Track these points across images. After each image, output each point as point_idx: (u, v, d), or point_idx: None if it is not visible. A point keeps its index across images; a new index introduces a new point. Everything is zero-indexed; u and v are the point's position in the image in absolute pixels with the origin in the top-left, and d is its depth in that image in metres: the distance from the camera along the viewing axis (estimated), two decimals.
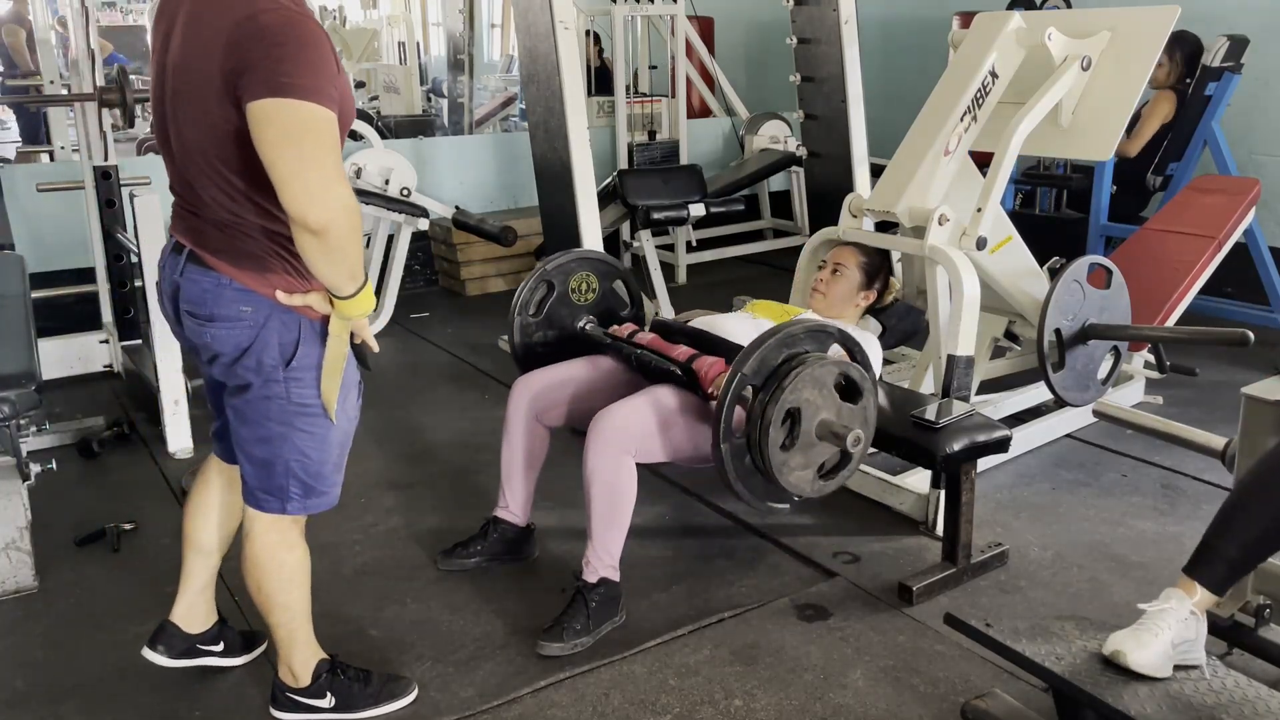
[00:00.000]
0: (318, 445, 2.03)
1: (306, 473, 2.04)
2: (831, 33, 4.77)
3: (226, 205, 1.87)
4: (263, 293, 1.91)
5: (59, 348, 4.27)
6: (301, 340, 1.95)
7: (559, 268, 2.98)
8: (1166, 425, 2.34)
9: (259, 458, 2.03)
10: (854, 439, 2.38)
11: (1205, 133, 4.74)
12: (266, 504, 2.07)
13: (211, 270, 1.91)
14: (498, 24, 12.57)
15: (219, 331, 1.93)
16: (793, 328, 2.44)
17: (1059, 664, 1.85)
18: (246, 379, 1.96)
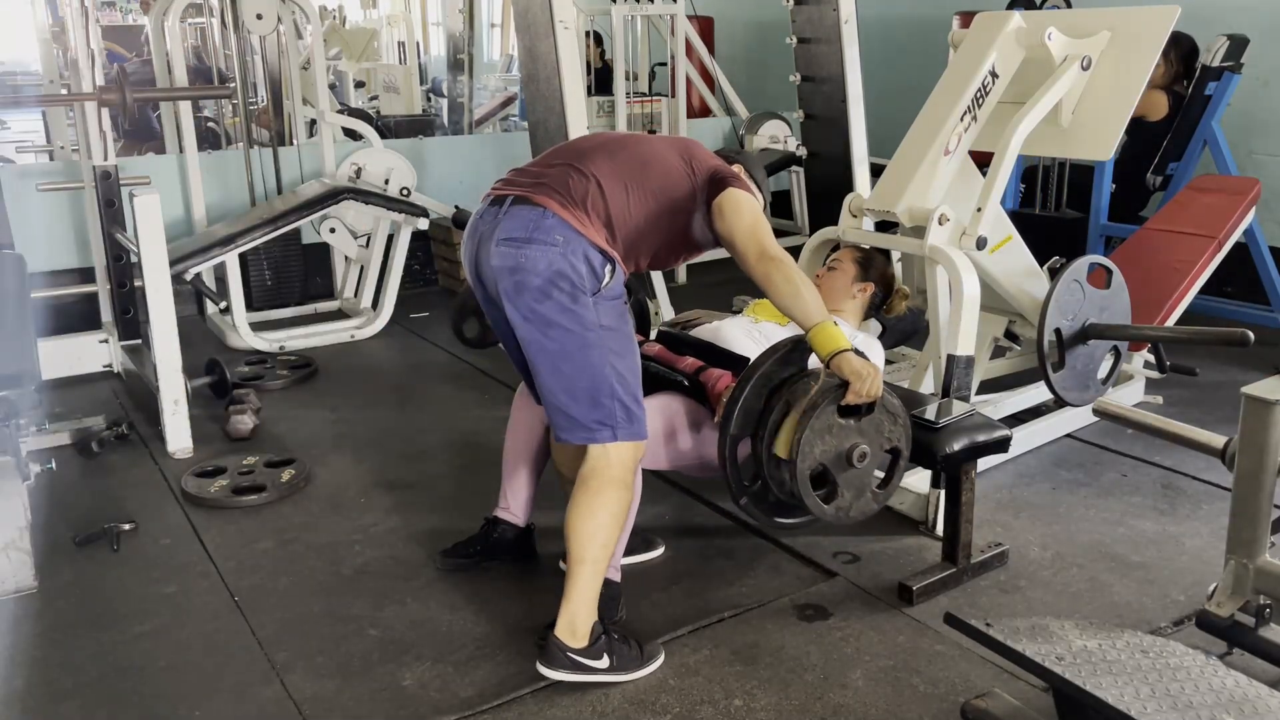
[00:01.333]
0: (632, 367, 2.30)
1: (627, 393, 2.27)
2: (831, 33, 4.78)
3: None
4: (581, 230, 2.23)
5: (59, 348, 4.27)
6: (615, 274, 2.28)
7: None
8: (1166, 425, 2.34)
9: (583, 388, 2.25)
10: (860, 454, 2.38)
11: (1205, 133, 4.74)
12: (600, 434, 2.26)
13: (536, 205, 2.25)
14: (498, 24, 12.56)
15: (533, 251, 2.20)
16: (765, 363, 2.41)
17: (1059, 664, 1.85)
18: (561, 301, 2.20)
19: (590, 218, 2.27)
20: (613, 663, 2.30)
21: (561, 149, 2.50)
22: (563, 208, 2.25)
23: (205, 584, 2.78)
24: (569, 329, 2.22)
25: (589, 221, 2.26)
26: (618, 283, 2.30)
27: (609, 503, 2.27)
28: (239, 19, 5.07)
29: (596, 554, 2.27)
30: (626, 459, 2.29)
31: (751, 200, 2.40)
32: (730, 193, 2.39)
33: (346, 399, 4.19)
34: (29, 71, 10.28)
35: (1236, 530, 2.09)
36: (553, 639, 2.27)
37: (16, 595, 2.71)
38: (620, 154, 2.41)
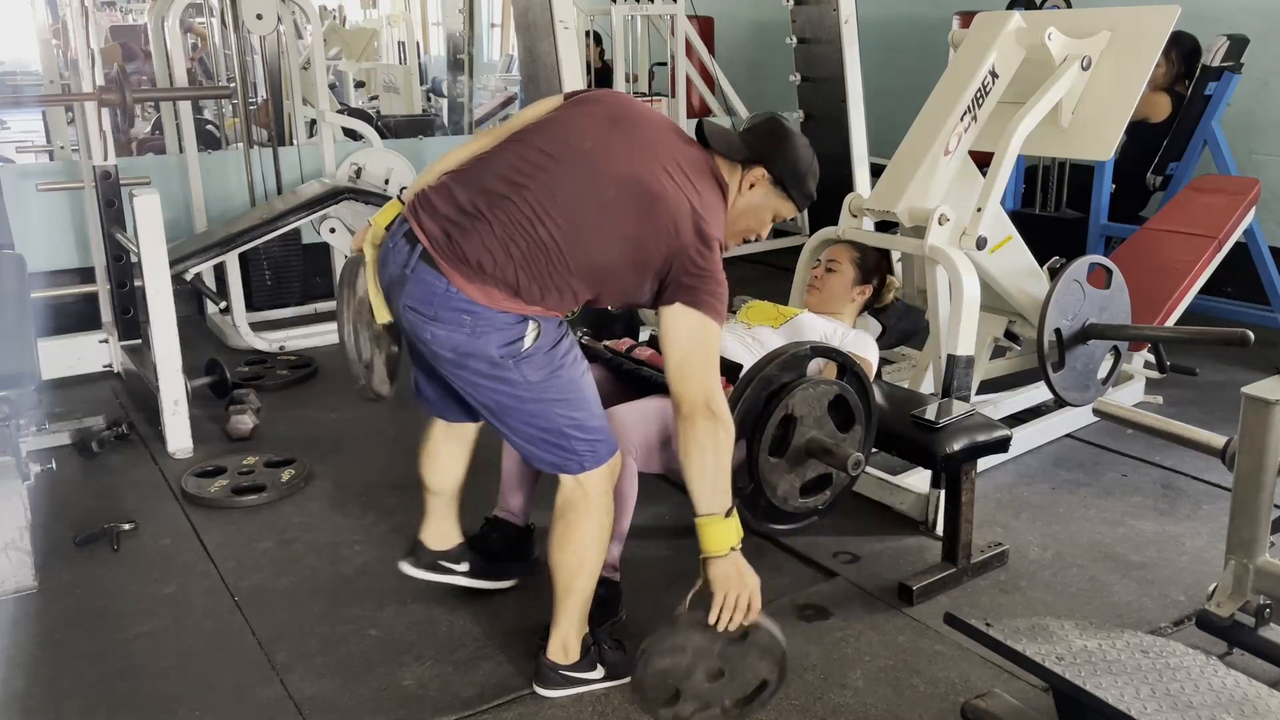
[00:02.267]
0: (580, 405, 2.14)
1: (583, 430, 2.14)
2: (831, 33, 4.78)
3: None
4: (486, 304, 2.01)
5: (59, 348, 4.26)
6: (529, 335, 2.05)
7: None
8: (1166, 425, 2.34)
9: (540, 437, 2.14)
10: (854, 461, 2.37)
11: (1205, 133, 4.74)
12: (568, 466, 2.17)
13: (441, 275, 2.02)
14: (498, 24, 12.56)
15: (439, 330, 2.05)
16: (767, 368, 2.39)
17: (1059, 664, 1.85)
18: (480, 370, 2.07)
19: (504, 289, 2.01)
20: (607, 672, 2.30)
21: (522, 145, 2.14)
22: (468, 280, 2.00)
23: (205, 584, 2.78)
24: (497, 389, 2.10)
25: (501, 294, 2.01)
26: (543, 335, 2.08)
27: (590, 532, 2.20)
28: (239, 19, 5.07)
29: (584, 584, 2.24)
30: (601, 482, 2.19)
31: (711, 330, 2.05)
32: (685, 314, 2.04)
33: (346, 399, 4.18)
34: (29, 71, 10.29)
35: (1236, 530, 2.09)
36: (544, 661, 2.27)
37: (16, 595, 2.71)
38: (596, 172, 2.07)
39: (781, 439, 2.40)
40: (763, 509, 2.45)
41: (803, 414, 2.39)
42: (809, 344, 2.48)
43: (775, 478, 2.40)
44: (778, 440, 2.40)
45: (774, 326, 2.90)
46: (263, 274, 5.20)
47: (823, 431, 2.43)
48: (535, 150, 2.10)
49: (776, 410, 2.36)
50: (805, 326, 2.90)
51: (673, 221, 2.04)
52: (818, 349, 2.48)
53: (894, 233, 3.33)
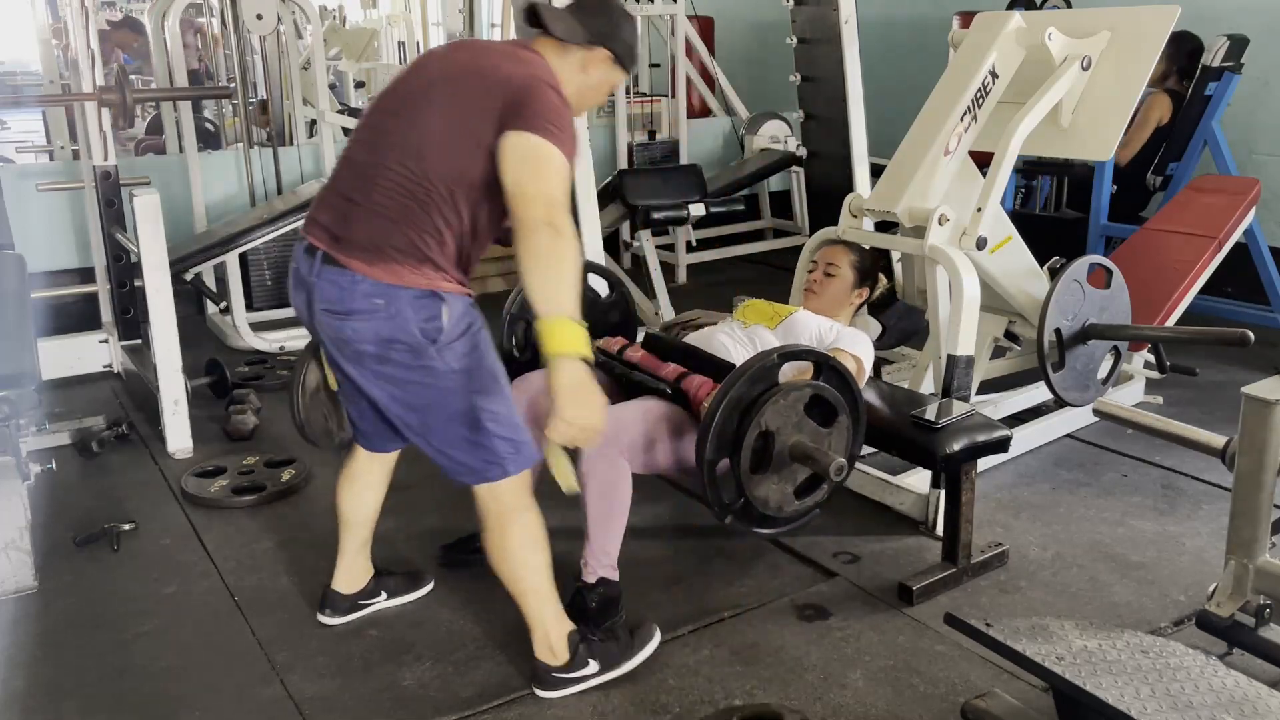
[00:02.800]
0: (500, 399, 2.15)
1: (505, 426, 2.15)
2: (831, 33, 4.77)
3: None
4: (393, 282, 2.03)
5: (59, 348, 4.27)
6: (447, 313, 2.07)
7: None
8: (1166, 425, 2.34)
9: (463, 435, 2.13)
10: (837, 467, 2.34)
11: (1205, 133, 4.74)
12: (491, 473, 2.17)
13: (344, 269, 2.07)
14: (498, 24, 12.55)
15: (356, 323, 2.07)
16: (736, 386, 2.36)
17: (1059, 664, 1.85)
18: (402, 362, 2.07)
19: (403, 259, 2.04)
20: (602, 664, 2.30)
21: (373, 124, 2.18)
22: (370, 265, 2.04)
23: (205, 584, 2.78)
24: (422, 383, 2.10)
25: (403, 267, 2.04)
26: (458, 317, 2.09)
27: (518, 533, 2.21)
28: (239, 19, 5.07)
29: (533, 582, 2.24)
30: (514, 488, 2.20)
31: (561, 163, 2.02)
32: (520, 137, 2.00)
33: None
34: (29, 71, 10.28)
35: (1236, 530, 2.09)
36: (538, 664, 2.29)
37: (16, 595, 2.71)
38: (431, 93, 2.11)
39: (762, 451, 2.37)
40: (757, 518, 2.46)
41: (778, 425, 2.36)
42: (776, 351, 2.43)
43: (764, 492, 2.39)
44: (759, 455, 2.37)
45: (770, 326, 2.90)
46: (263, 274, 5.20)
47: (804, 434, 2.40)
48: (378, 116, 2.18)
49: (750, 429, 2.33)
50: (800, 324, 2.90)
51: (506, 78, 2.08)
52: (785, 354, 2.42)
53: (894, 233, 3.33)
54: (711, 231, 6.34)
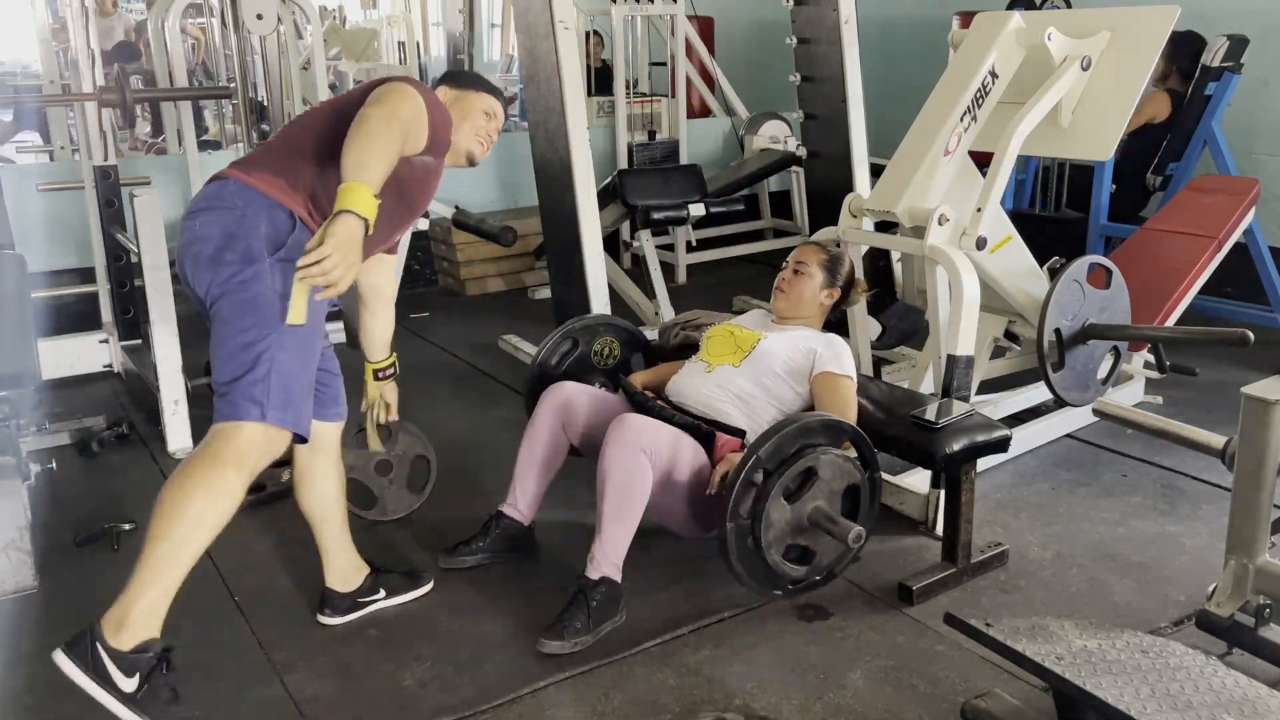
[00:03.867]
0: (299, 349, 2.12)
1: (286, 376, 2.09)
2: (831, 33, 4.77)
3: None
4: (264, 190, 2.12)
5: (59, 348, 4.27)
6: (294, 233, 2.12)
7: (586, 328, 3.11)
8: (1166, 425, 2.34)
9: (243, 361, 2.06)
10: (855, 535, 2.45)
11: (1205, 133, 4.74)
12: (242, 410, 2.04)
13: (221, 178, 2.18)
14: (498, 24, 12.56)
15: (209, 217, 2.11)
16: (810, 419, 2.50)
17: (1059, 664, 1.85)
18: (233, 267, 2.07)
19: (274, 176, 2.16)
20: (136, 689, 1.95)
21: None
22: (246, 173, 2.17)
23: (205, 584, 2.77)
24: (238, 294, 2.07)
25: (275, 180, 2.15)
26: (299, 245, 2.04)
27: (208, 482, 2.00)
28: (239, 19, 5.07)
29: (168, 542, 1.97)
30: (256, 442, 2.05)
31: (416, 101, 2.19)
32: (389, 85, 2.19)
33: (346, 399, 4.18)
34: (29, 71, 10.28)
35: (1236, 530, 2.09)
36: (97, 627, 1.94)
37: (16, 595, 2.71)
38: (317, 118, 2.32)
39: (796, 490, 2.47)
40: (746, 549, 2.46)
41: (825, 477, 2.48)
42: (852, 427, 2.59)
43: (777, 516, 2.45)
44: (792, 490, 2.47)
45: (734, 364, 2.82)
46: None
47: (830, 507, 2.51)
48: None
49: (806, 458, 2.44)
50: (767, 356, 2.81)
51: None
52: (857, 437, 2.59)
53: (894, 233, 3.33)
54: (711, 231, 6.34)
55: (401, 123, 2.10)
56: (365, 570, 2.62)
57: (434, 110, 2.25)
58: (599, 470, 2.48)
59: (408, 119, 2.14)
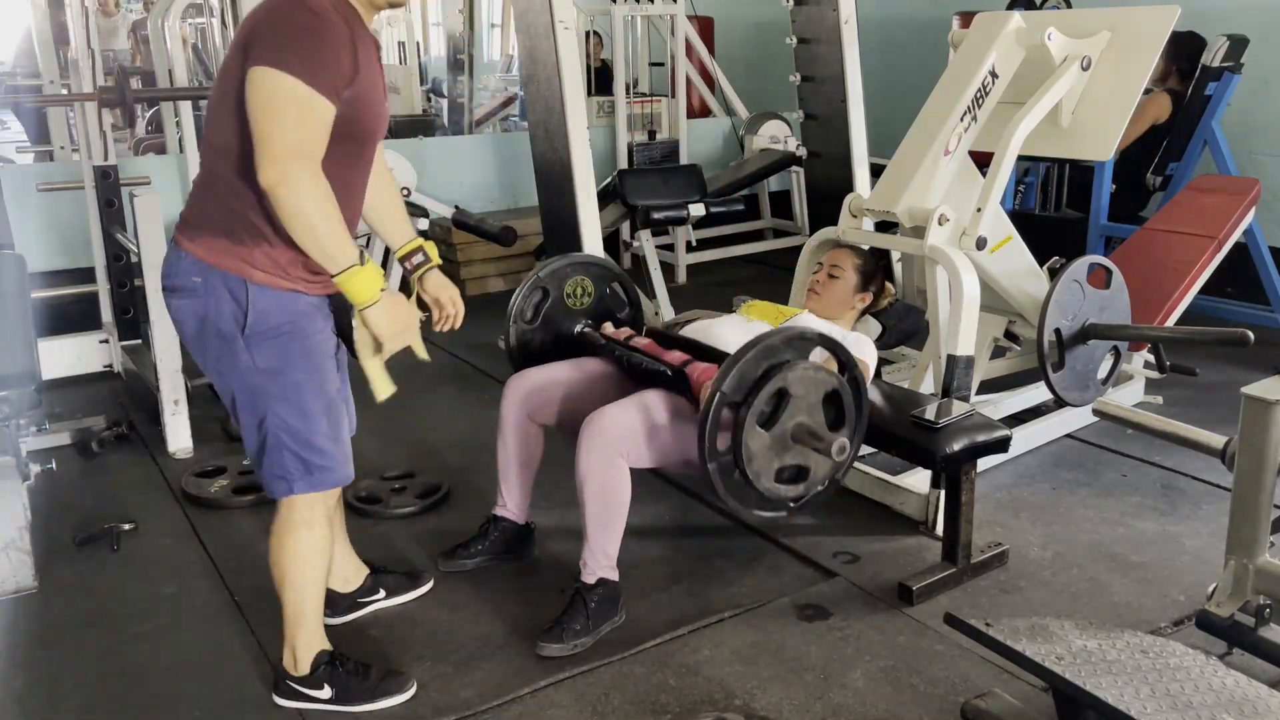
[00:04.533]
0: (298, 414, 2.08)
1: (297, 443, 2.09)
2: (831, 33, 4.78)
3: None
4: (210, 261, 1.98)
5: (59, 348, 4.27)
6: (251, 303, 1.98)
7: (553, 273, 2.95)
8: (1166, 425, 2.34)
9: (254, 440, 2.11)
10: (839, 447, 2.34)
11: (1205, 133, 4.74)
12: (277, 488, 2.13)
13: (174, 242, 2.06)
14: (498, 24, 12.55)
15: (179, 302, 2.04)
16: (771, 338, 2.39)
17: (1059, 664, 1.85)
18: (216, 350, 2.04)
19: (214, 237, 1.98)
20: (333, 694, 2.25)
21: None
22: (192, 240, 2.00)
23: (205, 584, 2.78)
24: (227, 374, 2.06)
25: (217, 244, 1.98)
26: (267, 313, 2.00)
27: (292, 547, 2.17)
28: (239, 19, 5.06)
29: (293, 596, 2.21)
30: (299, 505, 2.16)
31: (297, 94, 1.83)
32: (260, 74, 1.83)
33: None
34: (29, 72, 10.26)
35: (1236, 530, 2.09)
36: (278, 667, 2.29)
37: (16, 595, 2.71)
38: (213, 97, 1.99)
39: (771, 414, 2.35)
40: (734, 482, 2.38)
41: (798, 394, 2.35)
42: (816, 331, 2.47)
43: (755, 446, 2.34)
44: (767, 414, 2.35)
45: (773, 324, 2.89)
46: None
47: (813, 420, 2.40)
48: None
49: (774, 380, 2.32)
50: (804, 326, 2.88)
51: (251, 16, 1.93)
52: (825, 338, 2.46)
53: (894, 233, 3.33)
54: (711, 231, 6.34)
55: (300, 164, 1.84)
56: (365, 571, 2.62)
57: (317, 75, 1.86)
58: (576, 475, 2.44)
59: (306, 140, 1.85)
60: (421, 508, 3.17)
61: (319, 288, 2.07)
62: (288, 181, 1.83)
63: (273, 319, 2.00)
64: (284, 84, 1.83)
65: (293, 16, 1.87)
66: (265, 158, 1.83)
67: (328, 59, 1.87)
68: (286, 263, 1.99)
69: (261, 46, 1.85)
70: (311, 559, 2.20)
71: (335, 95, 1.88)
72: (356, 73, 1.92)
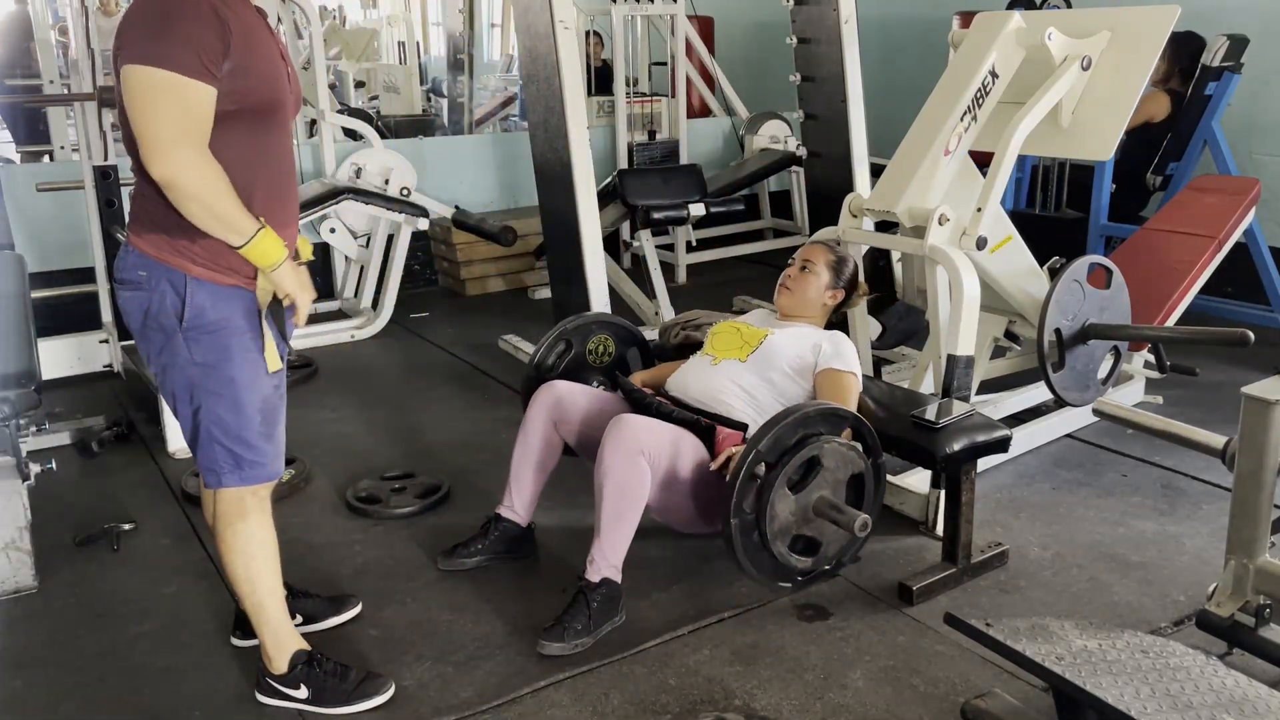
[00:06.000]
0: (232, 409, 2.08)
1: (228, 437, 2.09)
2: (831, 33, 4.77)
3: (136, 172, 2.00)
4: (153, 256, 2.00)
5: (59, 348, 4.27)
6: (189, 297, 2.00)
7: (578, 329, 3.08)
8: (1166, 425, 2.34)
9: (189, 431, 2.12)
10: (862, 524, 2.44)
11: (1205, 133, 4.74)
12: (209, 479, 2.15)
13: (126, 236, 2.08)
14: (498, 24, 12.57)
15: (126, 294, 2.04)
16: (808, 408, 2.49)
17: (1059, 664, 1.85)
18: (158, 342, 2.05)
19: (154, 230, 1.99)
20: (310, 694, 2.25)
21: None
22: (138, 235, 2.03)
23: (205, 584, 2.78)
24: (166, 366, 2.07)
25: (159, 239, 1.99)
26: (204, 308, 2.01)
27: (231, 541, 2.17)
28: None
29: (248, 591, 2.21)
30: (233, 498, 2.15)
31: (168, 86, 1.83)
32: (131, 75, 1.85)
33: (346, 399, 4.19)
34: None
35: (1236, 530, 2.09)
36: (259, 664, 2.29)
37: (16, 595, 2.71)
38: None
39: (800, 481, 2.47)
40: (752, 544, 2.47)
41: (829, 466, 2.48)
42: (852, 414, 2.58)
43: (781, 509, 2.44)
44: (795, 480, 2.47)
45: (741, 359, 2.82)
46: None
47: (835, 497, 2.51)
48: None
49: (809, 447, 2.44)
50: (775, 352, 2.82)
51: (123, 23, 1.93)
52: (858, 424, 2.58)
53: (894, 233, 3.33)
54: (711, 231, 6.34)
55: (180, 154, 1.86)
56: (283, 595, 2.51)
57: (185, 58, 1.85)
58: (597, 472, 2.48)
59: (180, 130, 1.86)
60: (421, 508, 3.17)
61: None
62: (175, 170, 1.86)
63: (209, 314, 2.02)
64: (153, 77, 1.84)
65: (147, 6, 1.89)
66: (149, 153, 1.86)
67: (191, 39, 1.85)
68: (225, 255, 2.00)
69: (128, 45, 1.87)
70: (252, 550, 2.19)
71: (208, 74, 1.87)
72: (229, 45, 1.90)
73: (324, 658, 2.29)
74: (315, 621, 2.54)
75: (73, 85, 4.45)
